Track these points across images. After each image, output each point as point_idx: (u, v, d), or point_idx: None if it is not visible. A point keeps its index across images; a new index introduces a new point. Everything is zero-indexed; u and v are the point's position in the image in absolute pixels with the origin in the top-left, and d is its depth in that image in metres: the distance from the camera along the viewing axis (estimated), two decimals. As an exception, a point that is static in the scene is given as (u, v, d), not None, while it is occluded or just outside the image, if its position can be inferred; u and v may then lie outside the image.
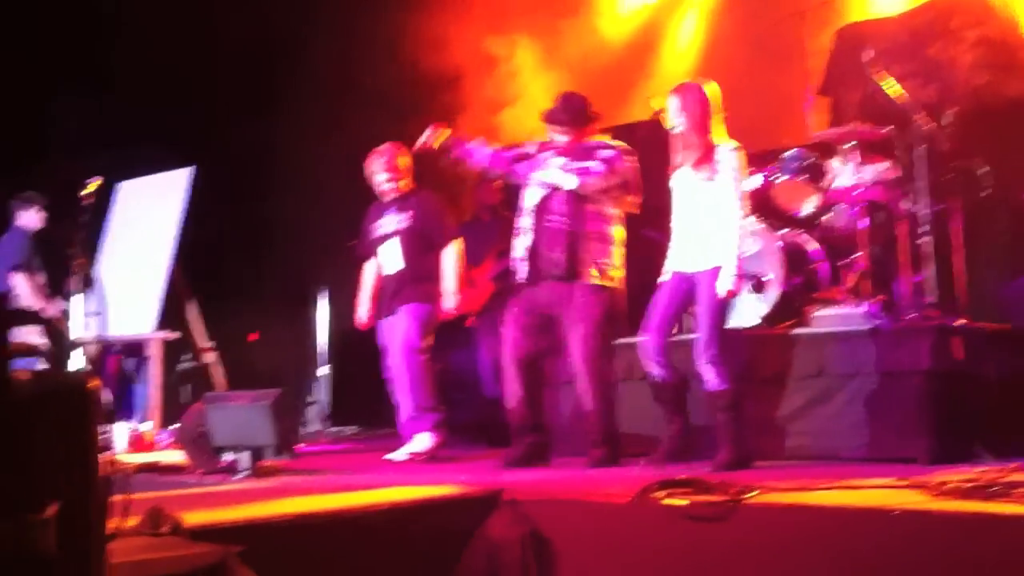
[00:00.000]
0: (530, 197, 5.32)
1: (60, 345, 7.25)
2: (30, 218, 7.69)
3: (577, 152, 5.24)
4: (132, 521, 2.98)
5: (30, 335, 7.03)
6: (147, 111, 8.68)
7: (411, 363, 5.70)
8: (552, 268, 5.14)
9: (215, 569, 2.98)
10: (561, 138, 5.29)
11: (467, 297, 6.05)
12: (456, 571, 3.63)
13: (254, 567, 3.02)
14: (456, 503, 3.78)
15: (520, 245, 5.30)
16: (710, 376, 4.72)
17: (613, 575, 3.57)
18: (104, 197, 7.94)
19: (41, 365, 1.92)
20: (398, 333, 5.78)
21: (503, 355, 5.30)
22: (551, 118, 5.32)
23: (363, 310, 6.10)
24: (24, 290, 7.36)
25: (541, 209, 5.23)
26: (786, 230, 5.99)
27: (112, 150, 8.06)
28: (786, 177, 6.03)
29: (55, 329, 7.41)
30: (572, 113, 5.30)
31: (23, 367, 1.90)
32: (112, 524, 2.06)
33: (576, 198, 5.15)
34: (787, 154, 6.12)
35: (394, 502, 3.71)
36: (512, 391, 5.22)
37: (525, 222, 5.30)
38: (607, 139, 5.40)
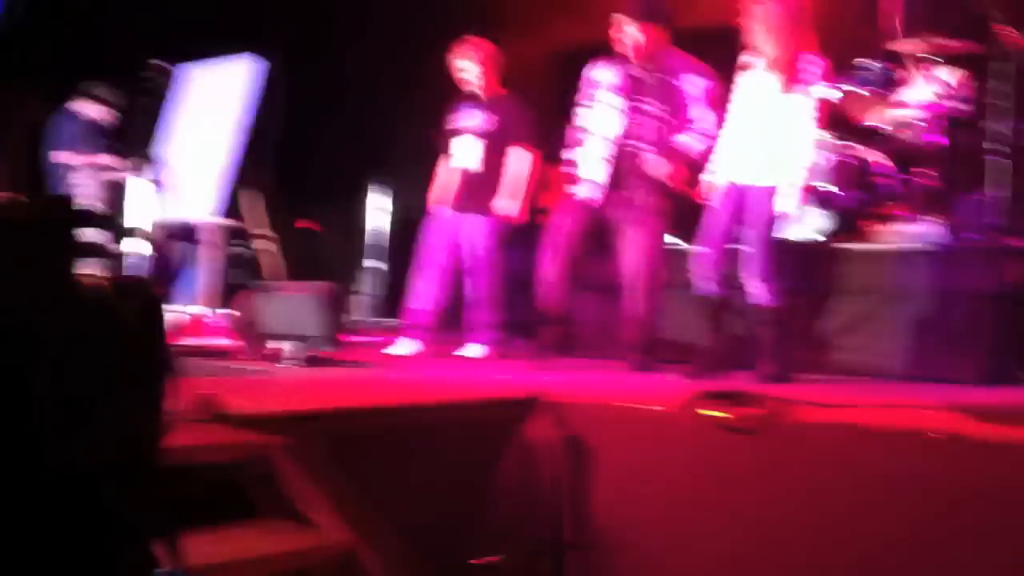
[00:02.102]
0: (606, 121, 5.15)
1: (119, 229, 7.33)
2: (89, 107, 7.80)
3: (660, 65, 5.04)
4: (178, 406, 3.05)
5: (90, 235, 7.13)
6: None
7: (489, 277, 5.77)
8: (628, 188, 5.07)
9: (261, 459, 3.06)
10: (636, 43, 5.05)
11: (540, 196, 6.01)
12: (494, 471, 3.68)
13: (296, 457, 3.08)
14: (496, 404, 3.81)
15: (592, 170, 5.17)
16: (760, 291, 4.64)
17: (650, 482, 3.59)
18: (169, 80, 7.98)
19: (102, 265, 1.97)
20: (475, 241, 5.79)
21: (547, 242, 5.24)
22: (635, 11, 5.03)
23: (437, 203, 5.99)
24: (68, 164, 7.50)
25: (624, 136, 5.08)
26: (853, 142, 5.85)
27: (181, 33, 8.06)
28: (858, 87, 5.88)
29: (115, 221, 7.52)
30: (650, 13, 5.06)
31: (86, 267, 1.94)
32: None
33: (665, 122, 5.02)
34: (862, 63, 5.95)
35: (437, 401, 3.75)
36: (551, 280, 5.18)
37: (601, 147, 5.15)
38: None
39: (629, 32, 5.06)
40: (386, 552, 2.95)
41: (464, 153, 5.89)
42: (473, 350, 5.76)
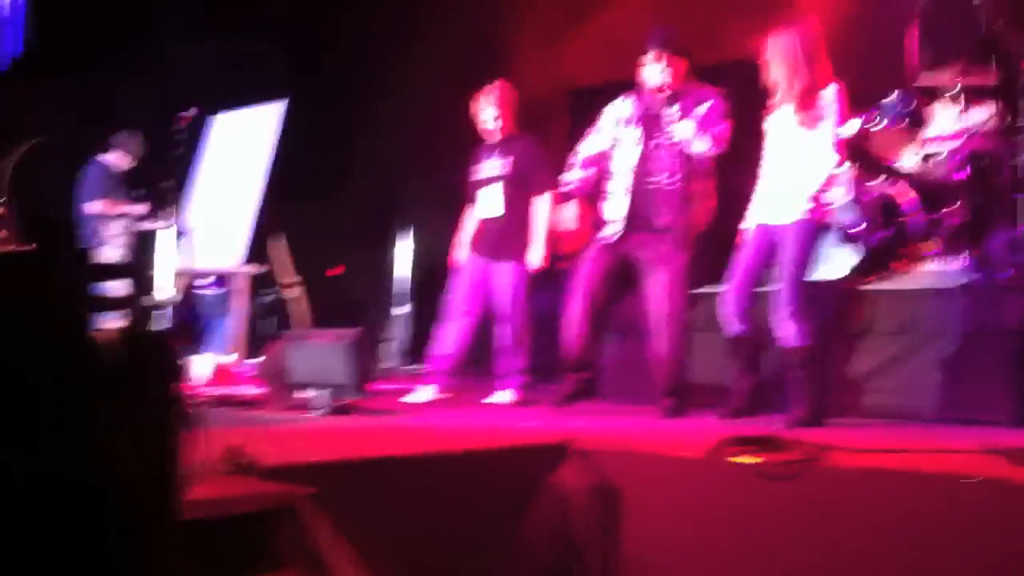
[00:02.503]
0: (626, 155, 5.15)
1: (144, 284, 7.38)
2: (116, 157, 7.89)
3: (682, 98, 5.02)
4: (206, 457, 3.03)
5: (115, 288, 7.15)
6: (244, 44, 8.74)
7: (518, 323, 5.76)
8: (650, 226, 5.06)
9: (287, 511, 3.04)
10: (656, 76, 5.04)
11: (563, 240, 6.01)
12: (525, 520, 3.64)
13: (324, 507, 3.06)
14: (527, 451, 3.77)
15: (614, 208, 5.16)
16: (789, 332, 4.59)
17: (683, 529, 3.54)
18: (199, 128, 8.07)
19: (121, 319, 1.90)
20: (504, 288, 5.79)
21: (574, 288, 5.22)
22: (657, 42, 5.03)
23: (461, 252, 6.03)
24: (102, 215, 7.57)
25: (641, 168, 5.08)
26: (881, 179, 5.82)
27: (210, 82, 8.17)
28: (885, 123, 5.84)
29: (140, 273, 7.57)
30: (671, 46, 5.04)
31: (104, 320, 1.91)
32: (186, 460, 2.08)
33: (683, 155, 5.00)
34: (887, 99, 5.92)
35: (466, 449, 3.72)
36: (576, 326, 5.16)
37: (621, 183, 5.14)
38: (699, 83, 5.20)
39: (649, 66, 5.07)
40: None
41: (488, 201, 5.90)
42: (502, 396, 5.75)
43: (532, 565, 3.58)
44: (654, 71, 5.05)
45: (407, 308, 8.72)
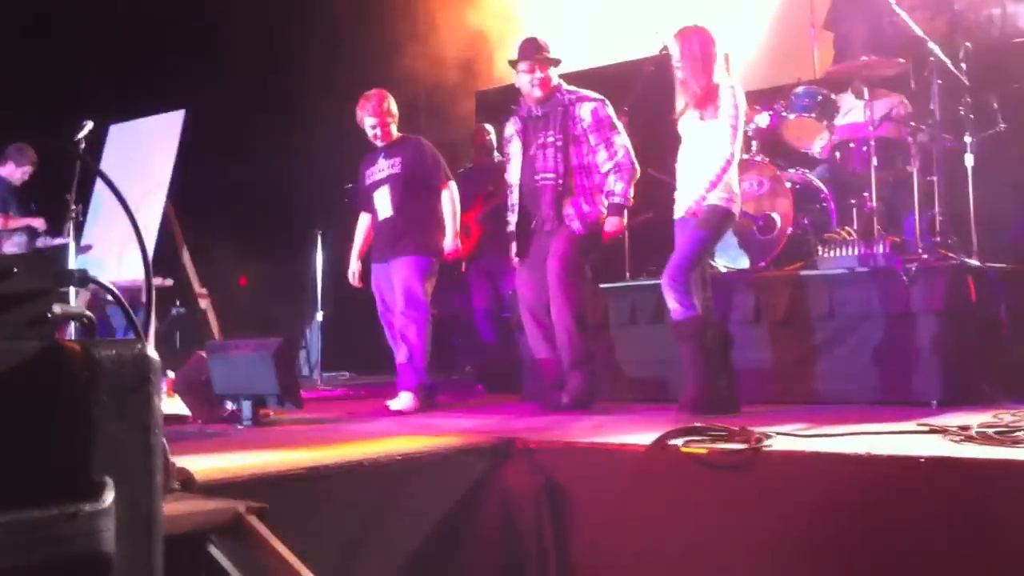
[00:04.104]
0: (516, 167, 5.34)
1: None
2: (8, 170, 7.59)
3: (557, 101, 5.19)
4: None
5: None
6: (144, 55, 8.53)
7: (413, 317, 5.60)
8: (542, 223, 5.19)
9: (233, 526, 2.91)
10: (528, 86, 5.20)
11: (461, 242, 5.95)
12: (471, 520, 3.57)
13: (272, 521, 2.94)
14: (470, 451, 3.70)
15: (514, 219, 5.32)
16: (672, 303, 4.65)
17: (631, 523, 3.51)
18: (97, 140, 7.81)
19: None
20: (398, 283, 5.66)
21: (522, 315, 5.32)
22: (529, 53, 5.21)
23: (354, 266, 5.94)
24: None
25: (528, 170, 5.24)
26: (795, 168, 5.90)
27: (105, 92, 7.93)
28: (796, 114, 5.94)
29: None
30: (538, 51, 5.23)
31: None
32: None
33: (563, 153, 5.13)
34: (797, 91, 6.02)
35: (408, 451, 3.63)
36: (540, 351, 5.21)
37: (516, 194, 5.33)
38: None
39: (520, 76, 5.25)
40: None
41: (380, 203, 5.83)
42: (402, 401, 5.55)
43: (483, 565, 3.52)
44: (525, 81, 5.23)
45: (319, 316, 8.54)
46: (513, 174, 5.35)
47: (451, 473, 3.60)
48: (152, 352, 1.64)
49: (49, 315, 1.68)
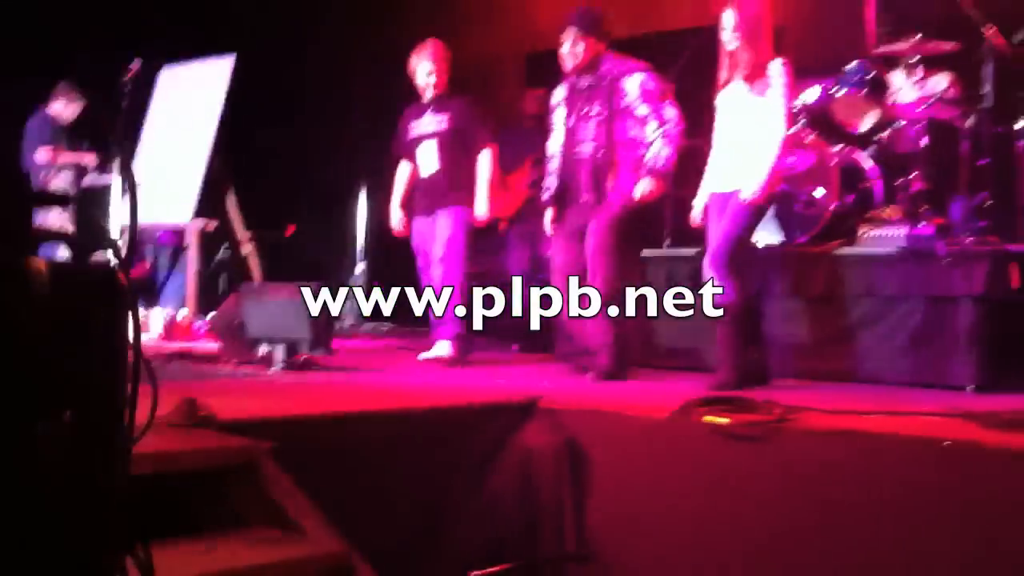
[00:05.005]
0: (558, 136, 5.24)
1: (91, 229, 7.17)
2: (58, 108, 7.65)
3: (601, 72, 5.08)
4: (163, 411, 2.93)
5: (57, 220, 6.80)
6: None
7: (452, 268, 5.62)
8: (580, 195, 5.08)
9: (247, 465, 2.95)
10: (572, 56, 5.09)
11: (501, 202, 5.93)
12: (490, 477, 3.59)
13: (284, 464, 2.97)
14: (493, 409, 3.71)
15: (552, 188, 5.23)
16: (715, 286, 4.58)
17: (649, 488, 3.52)
18: (145, 81, 7.84)
19: (65, 252, 1.69)
20: (440, 235, 5.69)
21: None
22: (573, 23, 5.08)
23: (396, 217, 5.97)
24: (48, 165, 7.37)
25: (569, 142, 5.13)
26: (842, 146, 5.81)
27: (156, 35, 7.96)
28: (846, 90, 5.82)
29: (87, 212, 7.35)
30: (586, 25, 5.10)
31: (46, 255, 1.73)
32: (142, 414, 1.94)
33: (606, 126, 5.01)
34: (848, 67, 5.90)
35: (430, 406, 3.65)
36: (570, 321, 5.13)
37: (555, 163, 5.22)
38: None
39: (568, 46, 5.13)
40: (379, 561, 2.84)
41: (424, 158, 5.83)
42: (440, 349, 5.61)
43: (497, 522, 3.53)
44: (566, 50, 5.13)
45: (362, 267, 8.57)
46: (554, 143, 5.29)
47: (473, 428, 3.62)
48: (122, 277, 1.62)
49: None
